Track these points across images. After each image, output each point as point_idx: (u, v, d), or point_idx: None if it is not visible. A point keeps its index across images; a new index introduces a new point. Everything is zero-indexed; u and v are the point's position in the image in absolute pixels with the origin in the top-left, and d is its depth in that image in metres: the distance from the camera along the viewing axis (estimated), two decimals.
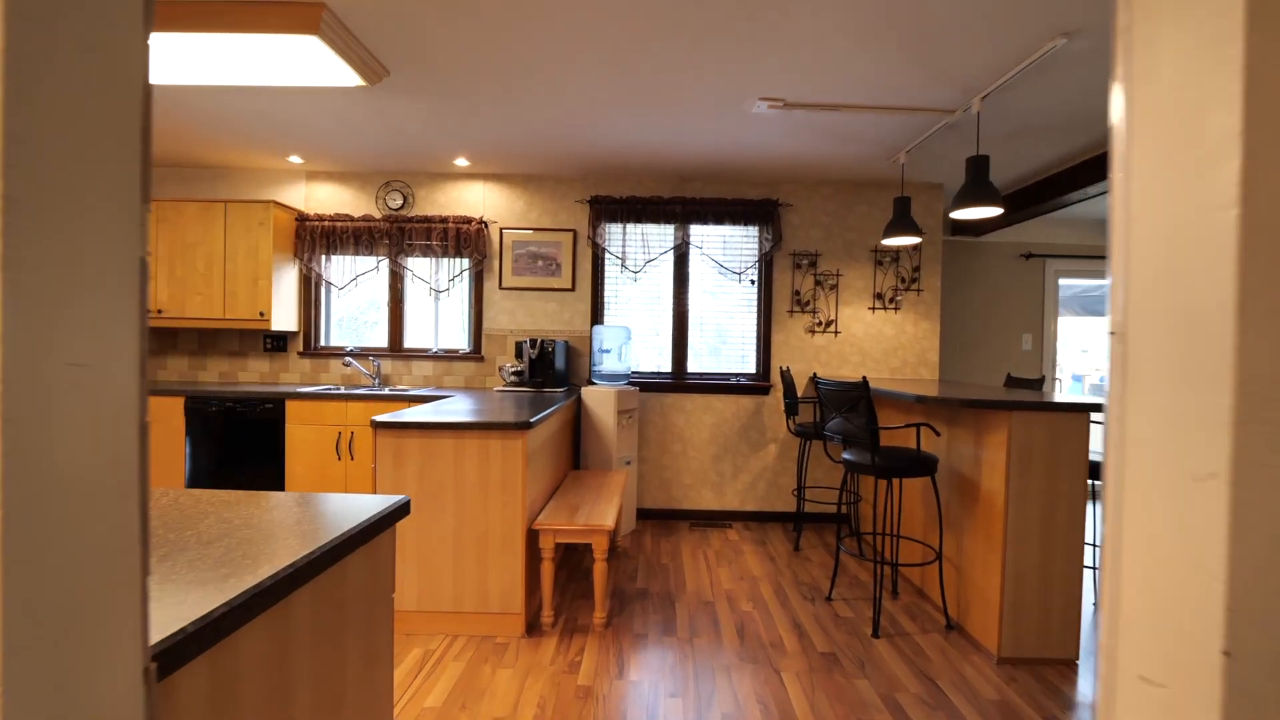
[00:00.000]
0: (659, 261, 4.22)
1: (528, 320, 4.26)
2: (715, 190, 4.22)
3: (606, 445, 3.77)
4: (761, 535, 3.95)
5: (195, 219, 4.01)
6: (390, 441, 2.49)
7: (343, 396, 3.65)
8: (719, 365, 4.29)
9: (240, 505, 1.12)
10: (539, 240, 4.22)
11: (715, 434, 4.23)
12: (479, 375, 4.28)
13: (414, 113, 3.15)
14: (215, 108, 3.15)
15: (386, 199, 4.25)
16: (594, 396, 3.78)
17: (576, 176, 4.21)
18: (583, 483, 3.29)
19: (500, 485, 2.48)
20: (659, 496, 4.24)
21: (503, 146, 3.65)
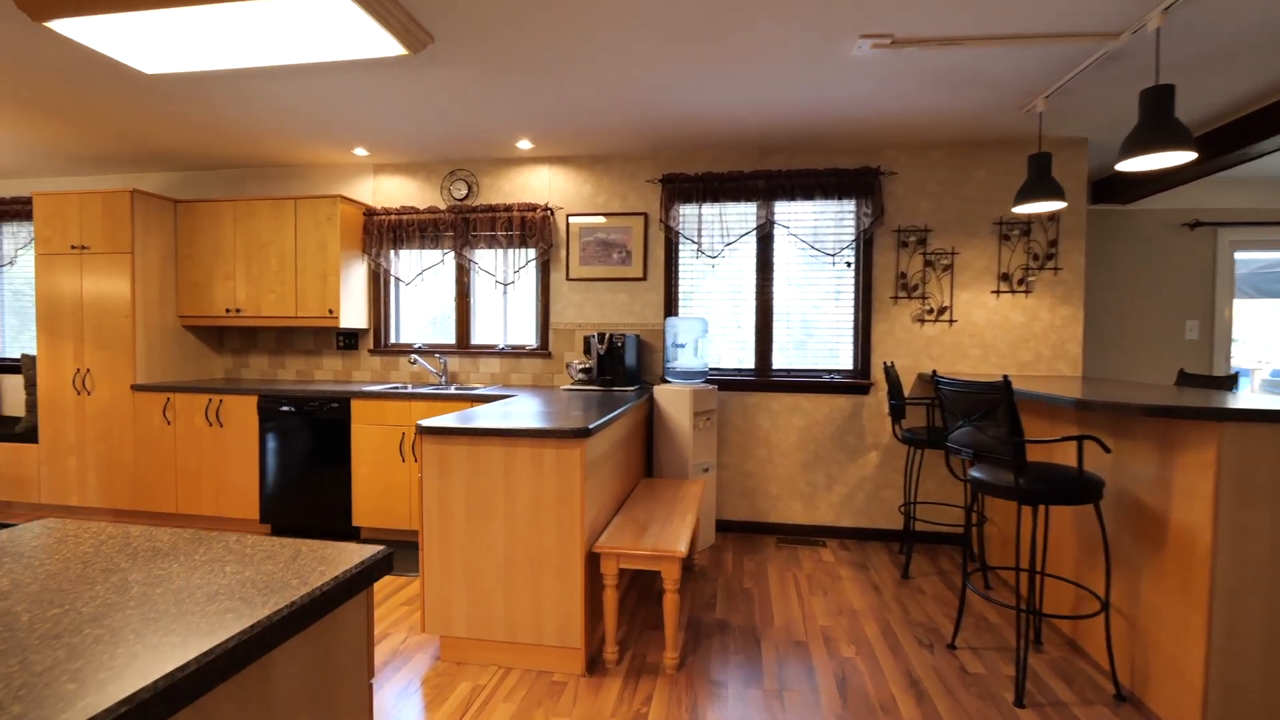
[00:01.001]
0: (739, 245, 3.78)
1: (596, 313, 3.94)
2: (803, 161, 3.71)
3: (681, 450, 3.38)
4: (861, 557, 3.42)
5: (267, 217, 4.01)
6: (436, 448, 2.23)
7: (405, 396, 3.50)
8: (805, 361, 3.79)
9: (164, 560, 0.84)
10: (607, 226, 3.89)
11: (805, 438, 3.74)
12: (546, 372, 4.02)
13: (468, 88, 2.90)
14: (281, 100, 3.04)
15: (451, 189, 4.07)
16: (667, 396, 3.41)
17: (646, 154, 3.84)
18: (655, 494, 2.93)
19: (555, 500, 2.16)
20: (741, 507, 3.81)
21: (565, 123, 3.34)
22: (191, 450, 3.80)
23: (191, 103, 3.11)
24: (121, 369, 3.89)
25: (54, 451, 4.01)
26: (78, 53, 2.57)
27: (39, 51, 2.56)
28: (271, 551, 0.87)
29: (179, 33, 2.23)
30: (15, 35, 2.43)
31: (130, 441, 3.88)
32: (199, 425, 3.78)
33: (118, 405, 3.90)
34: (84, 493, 3.97)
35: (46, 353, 4.02)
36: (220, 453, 3.76)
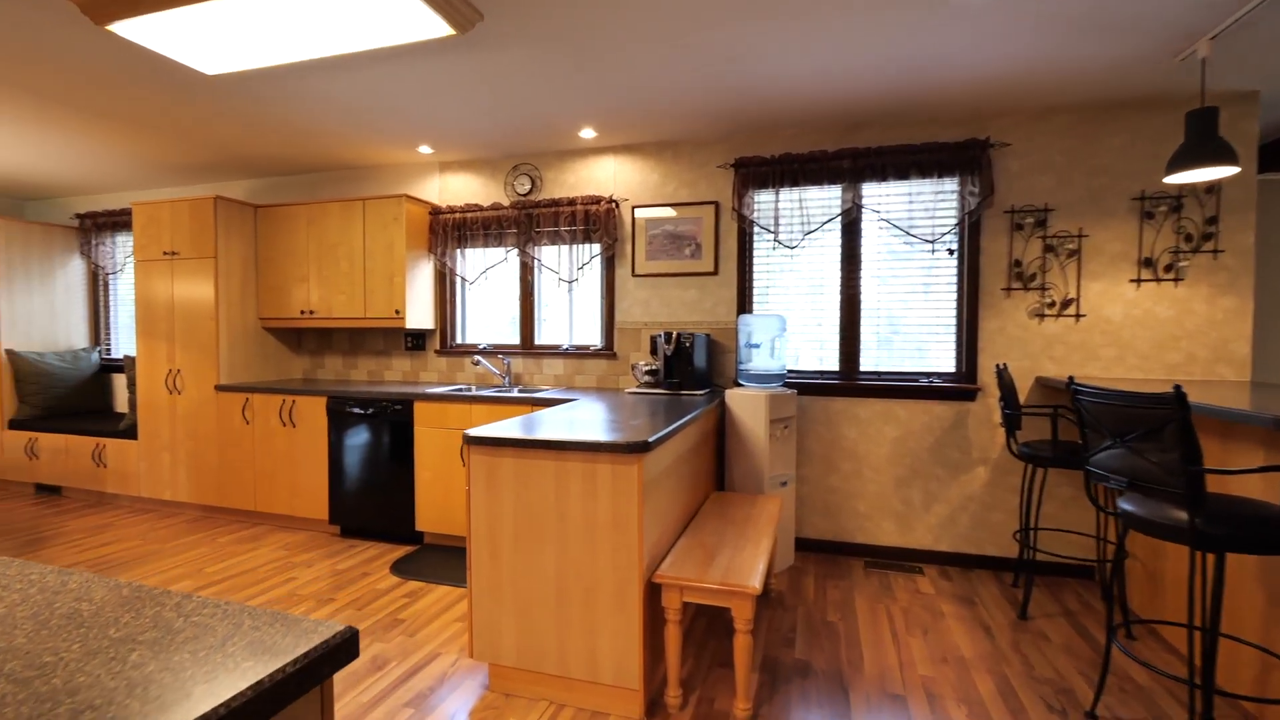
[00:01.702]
0: (821, 233, 3.40)
1: (664, 311, 3.68)
2: (895, 136, 3.28)
3: (756, 462, 3.06)
4: (966, 588, 2.97)
5: (337, 219, 4.03)
6: (483, 459, 2.05)
7: (466, 398, 3.38)
8: (889, 362, 3.35)
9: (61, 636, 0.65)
10: (676, 217, 3.62)
11: (899, 450, 3.31)
12: (611, 374, 3.80)
13: (524, 71, 2.71)
14: (338, 97, 2.99)
15: (515, 184, 3.93)
16: (740, 401, 3.10)
17: (717, 137, 3.53)
18: (726, 511, 2.64)
19: (610, 522, 1.92)
20: (823, 525, 3.43)
21: (628, 107, 3.10)
22: (267, 450, 3.88)
23: (255, 104, 3.11)
24: (207, 369, 4.03)
25: (151, 448, 4.22)
26: (156, 64, 2.59)
27: (125, 64, 2.61)
28: (207, 624, 0.67)
29: (227, 26, 2.16)
30: (104, 51, 2.47)
31: (215, 440, 4.01)
32: (274, 425, 3.85)
33: (204, 404, 4.04)
34: (176, 488, 4.16)
35: (144, 354, 4.24)
36: (293, 453, 3.81)
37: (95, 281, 5.27)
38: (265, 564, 3.27)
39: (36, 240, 4.90)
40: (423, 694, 2.06)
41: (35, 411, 4.73)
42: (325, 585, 2.98)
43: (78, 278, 5.18)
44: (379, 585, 2.99)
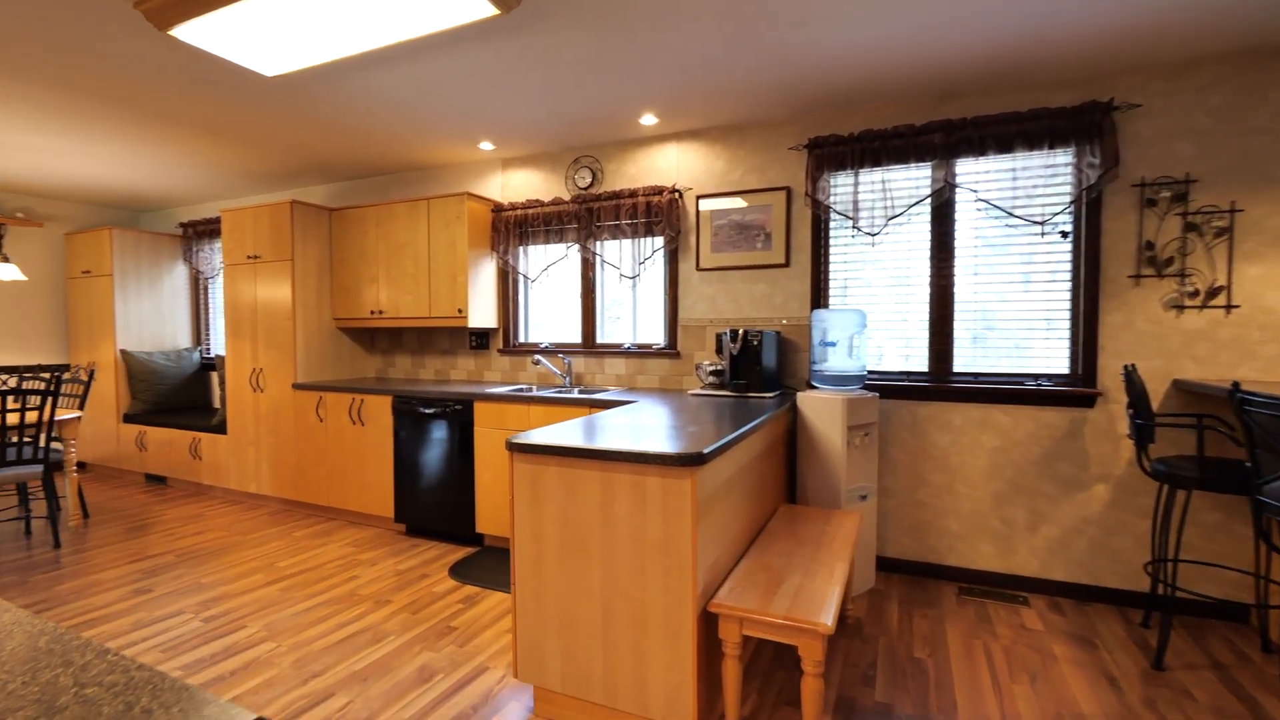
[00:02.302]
0: (907, 218, 3.04)
1: (730, 307, 3.44)
2: (995, 104, 2.87)
3: (832, 472, 2.77)
4: (1083, 626, 2.55)
5: (404, 219, 4.06)
6: (526, 467, 1.91)
7: (524, 399, 3.29)
8: (983, 362, 2.94)
9: None
10: (743, 206, 3.36)
11: (1000, 462, 2.91)
12: (675, 374, 3.60)
13: (578, 54, 2.56)
14: (396, 93, 2.97)
15: (575, 178, 3.81)
16: (814, 405, 2.82)
17: (788, 117, 3.25)
18: (796, 528, 2.38)
19: (660, 542, 1.72)
20: (909, 544, 3.08)
21: (690, 87, 2.88)
22: (339, 447, 3.96)
23: (316, 106, 3.14)
24: (285, 368, 4.18)
25: (238, 443, 4.44)
26: (221, 69, 2.65)
27: (194, 71, 2.68)
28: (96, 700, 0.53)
29: (277, 23, 2.14)
30: (175, 60, 2.54)
31: (292, 436, 4.16)
32: (344, 423, 3.93)
33: (282, 402, 4.20)
34: (259, 482, 4.35)
35: (231, 353, 4.46)
36: (362, 450, 3.87)
37: (196, 285, 5.65)
38: (333, 560, 3.32)
39: (146, 248, 5.30)
40: (465, 713, 1.95)
41: (144, 407, 5.11)
42: (385, 586, 2.97)
43: (181, 282, 5.57)
44: (436, 588, 2.95)
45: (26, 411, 3.43)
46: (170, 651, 2.36)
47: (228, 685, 2.12)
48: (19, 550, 3.47)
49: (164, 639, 2.45)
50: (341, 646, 2.39)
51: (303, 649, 2.37)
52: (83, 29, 2.35)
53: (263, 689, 2.10)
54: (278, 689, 2.10)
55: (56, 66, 2.66)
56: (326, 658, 2.31)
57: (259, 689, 2.10)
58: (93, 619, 2.63)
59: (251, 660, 2.28)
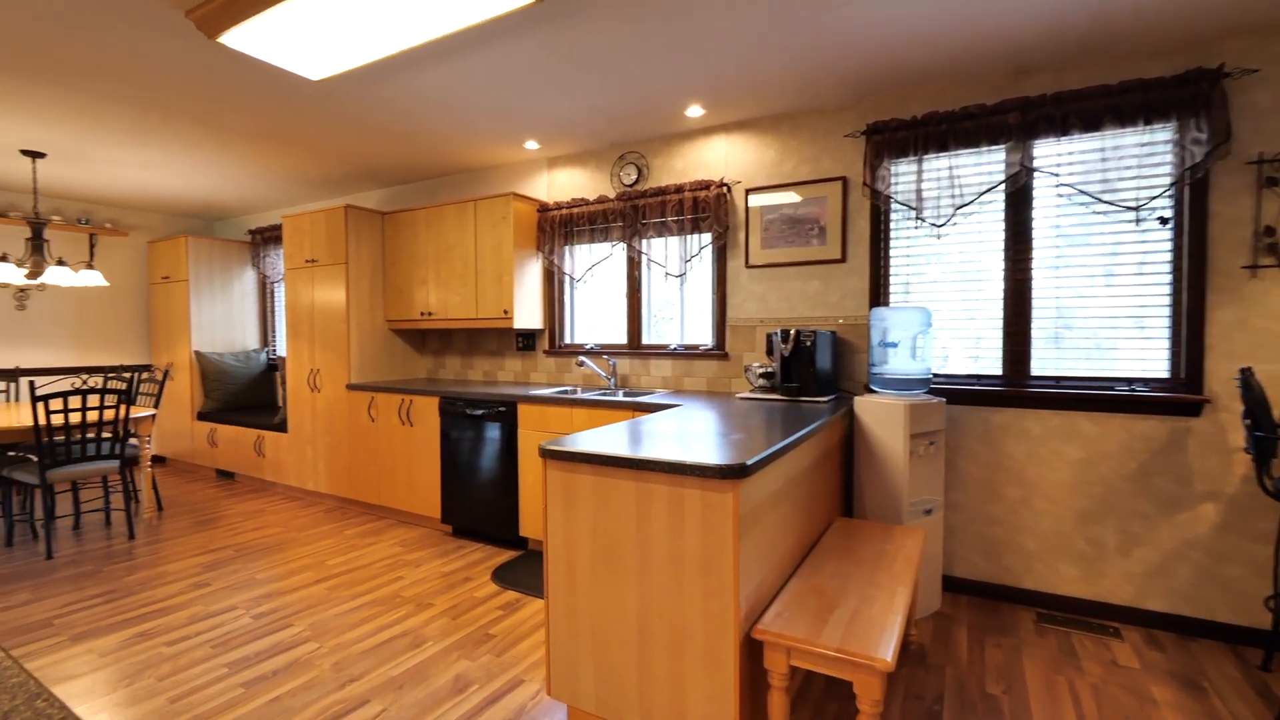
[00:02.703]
0: (977, 207, 2.78)
1: (782, 305, 3.26)
2: (1079, 78, 2.58)
3: (893, 485, 2.56)
4: (1189, 665, 2.25)
5: (452, 221, 4.08)
6: (560, 475, 1.82)
7: (567, 401, 3.22)
8: (1064, 364, 2.64)
9: None
10: (795, 199, 3.18)
11: (1085, 476, 2.62)
12: (723, 376, 3.45)
13: (616, 44, 2.46)
14: (439, 93, 2.95)
15: (621, 175, 3.72)
16: (873, 410, 2.61)
17: (844, 102, 3.04)
18: (853, 545, 2.19)
19: (699, 560, 1.59)
20: (980, 564, 2.82)
21: (737, 74, 2.73)
22: (389, 447, 4.02)
23: (362, 109, 3.17)
24: (340, 369, 4.28)
25: (297, 441, 4.59)
26: (269, 75, 2.70)
27: (246, 79, 2.74)
28: None
29: (317, 23, 2.14)
30: (228, 69, 2.61)
31: (346, 436, 4.25)
32: (394, 424, 3.98)
33: (337, 402, 4.30)
34: (317, 480, 4.47)
35: (291, 354, 4.61)
36: (411, 451, 3.90)
37: (263, 289, 5.90)
38: (380, 560, 3.35)
39: (218, 254, 5.57)
40: None
41: (216, 405, 5.36)
42: (428, 588, 2.96)
43: (250, 286, 5.82)
44: (478, 593, 2.91)
45: (105, 410, 3.62)
46: (220, 647, 2.40)
47: (269, 686, 2.13)
48: (99, 540, 3.68)
49: (215, 634, 2.50)
50: (381, 650, 2.37)
51: (343, 651, 2.37)
52: (143, 44, 2.42)
53: (301, 691, 2.10)
54: (315, 692, 2.09)
55: (126, 83, 2.78)
56: (365, 661, 2.29)
57: (297, 691, 2.10)
58: (154, 611, 2.72)
59: (294, 660, 2.30)
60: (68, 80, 2.79)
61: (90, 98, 3.00)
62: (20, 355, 5.09)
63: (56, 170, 4.35)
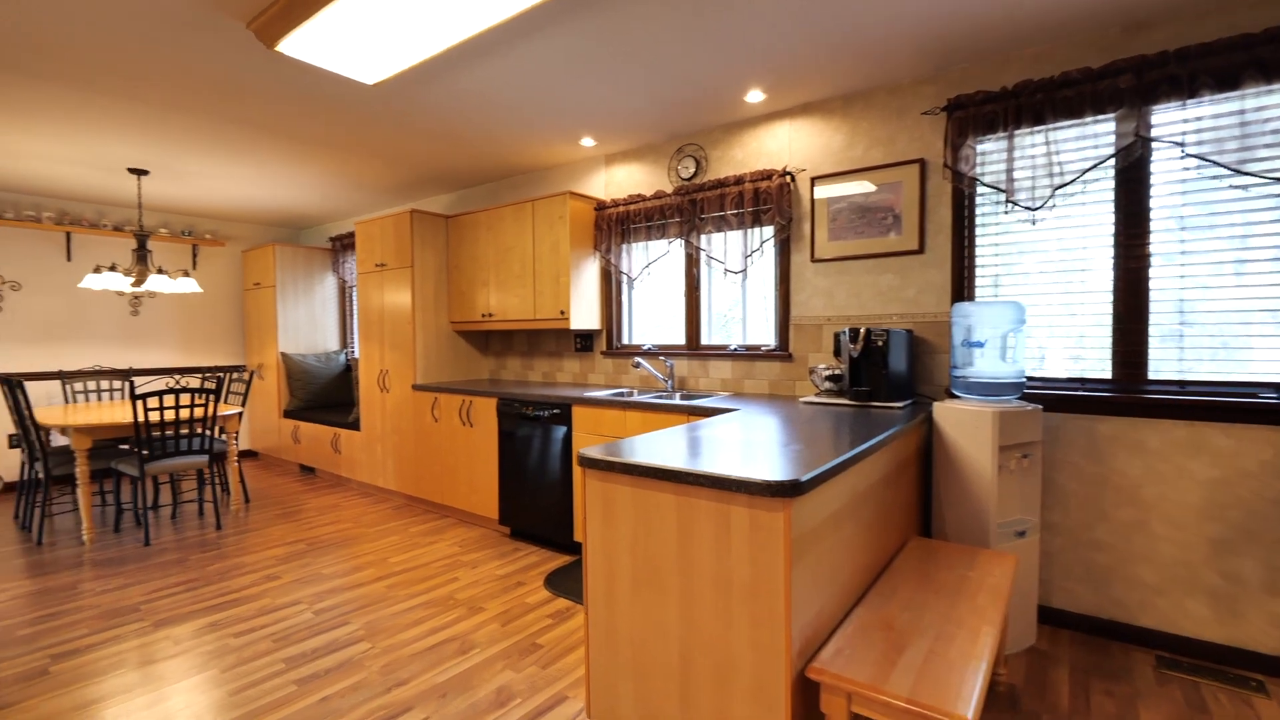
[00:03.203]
0: (1080, 186, 2.43)
1: (851, 302, 3.01)
2: (1205, 30, 2.19)
3: (979, 502, 2.28)
4: None
5: (511, 222, 4.08)
6: (599, 485, 1.71)
7: (620, 404, 3.12)
8: (1185, 366, 2.24)
9: None
10: (866, 185, 2.92)
11: (1218, 498, 2.23)
12: (786, 379, 3.24)
13: (666, 28, 2.32)
14: (492, 92, 2.93)
15: (679, 169, 3.58)
16: (955, 418, 2.34)
17: (922, 75, 2.76)
18: (930, 570, 1.95)
19: (747, 585, 1.43)
20: (1084, 595, 2.47)
21: (800, 51, 2.53)
22: (451, 447, 4.06)
23: (419, 112, 3.19)
24: (406, 369, 4.38)
25: (369, 439, 4.75)
26: (328, 82, 2.75)
27: (309, 89, 2.82)
28: None
29: (368, 25, 2.13)
30: (290, 79, 2.69)
31: (412, 435, 4.34)
32: (456, 424, 4.02)
33: (404, 402, 4.40)
34: (386, 477, 4.61)
35: (363, 355, 4.78)
36: (471, 451, 3.93)
37: (342, 293, 6.19)
38: (439, 559, 3.37)
39: (302, 261, 5.88)
40: None
41: (299, 404, 5.66)
42: (481, 591, 2.94)
43: (331, 290, 6.12)
44: (529, 599, 2.85)
45: (195, 408, 3.87)
46: (280, 641, 2.46)
47: (320, 685, 2.15)
48: (190, 530, 3.93)
49: (278, 628, 2.58)
50: (429, 655, 2.35)
51: (393, 653, 2.36)
52: (217, 61, 2.52)
53: (349, 693, 2.10)
54: (361, 695, 2.08)
55: (205, 100, 2.93)
56: (413, 665, 2.27)
57: (345, 693, 2.10)
58: (227, 601, 2.84)
59: (345, 660, 2.31)
60: (156, 99, 2.96)
61: (177, 114, 3.18)
62: (134, 356, 5.58)
63: (159, 186, 4.71)
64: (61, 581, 3.10)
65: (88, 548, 3.60)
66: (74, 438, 3.58)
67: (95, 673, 2.24)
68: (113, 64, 2.59)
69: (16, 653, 2.40)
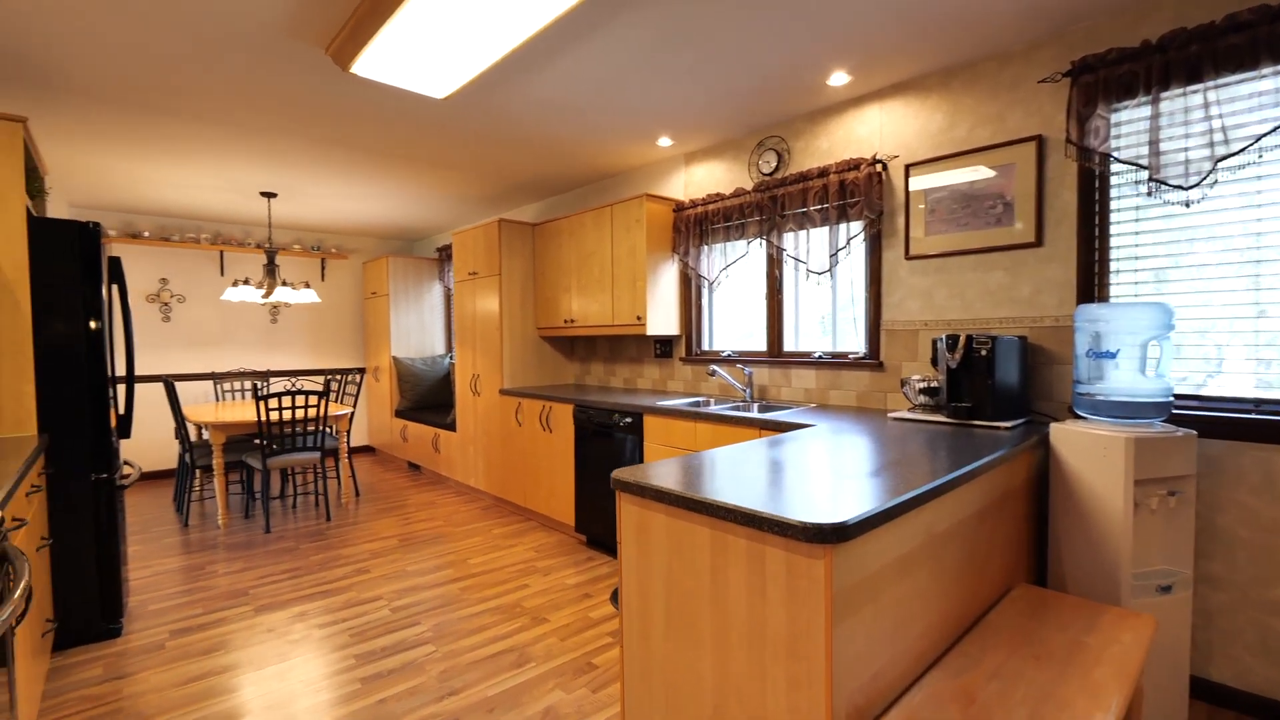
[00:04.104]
0: (1255, 153, 1.93)
1: (953, 304, 2.64)
2: None
3: (1107, 547, 1.88)
4: None
5: (591, 228, 4.06)
6: (633, 510, 1.59)
7: (691, 414, 2.96)
8: None
9: None
10: (970, 169, 2.55)
11: None
12: (876, 390, 2.92)
13: (728, 11, 2.15)
14: (561, 97, 2.90)
15: (759, 164, 3.36)
16: (1078, 443, 1.95)
17: (1040, 38, 2.35)
18: (1034, 630, 1.62)
19: (784, 639, 1.24)
20: (1257, 667, 1.96)
21: (891, 21, 2.24)
22: (532, 451, 4.12)
23: (492, 123, 3.23)
24: (495, 374, 4.51)
25: (463, 440, 4.95)
26: (404, 101, 2.86)
27: (395, 108, 2.96)
28: None
29: (429, 37, 2.17)
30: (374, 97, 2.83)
31: (500, 438, 4.46)
32: (536, 429, 4.06)
33: (493, 406, 4.54)
34: (476, 477, 4.78)
35: (459, 360, 4.99)
36: (551, 456, 3.95)
37: (446, 300, 6.54)
38: (514, 564, 3.41)
39: (412, 271, 6.29)
40: None
41: (408, 404, 6.06)
42: (548, 601, 2.91)
43: (437, 298, 6.50)
44: (593, 613, 2.79)
45: (308, 409, 4.22)
46: (356, 636, 2.58)
47: (381, 685, 2.21)
48: (304, 520, 4.30)
49: (357, 623, 2.70)
50: (486, 664, 2.35)
51: (453, 659, 2.39)
52: (320, 90, 2.71)
53: (405, 697, 2.13)
54: (416, 700, 2.11)
55: (305, 125, 3.17)
56: (469, 674, 2.28)
57: (401, 696, 2.14)
58: (319, 592, 3.04)
59: (409, 662, 2.37)
60: (267, 127, 3.25)
61: (285, 140, 3.48)
62: (272, 359, 6.25)
63: (288, 207, 5.22)
64: (195, 561, 3.50)
65: (221, 532, 4.04)
66: (211, 433, 4.04)
67: (194, 653, 2.47)
68: (229, 99, 2.86)
69: (145, 625, 2.71)
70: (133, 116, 3.07)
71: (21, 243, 2.37)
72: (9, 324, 2.35)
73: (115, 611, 2.59)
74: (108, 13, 2.12)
